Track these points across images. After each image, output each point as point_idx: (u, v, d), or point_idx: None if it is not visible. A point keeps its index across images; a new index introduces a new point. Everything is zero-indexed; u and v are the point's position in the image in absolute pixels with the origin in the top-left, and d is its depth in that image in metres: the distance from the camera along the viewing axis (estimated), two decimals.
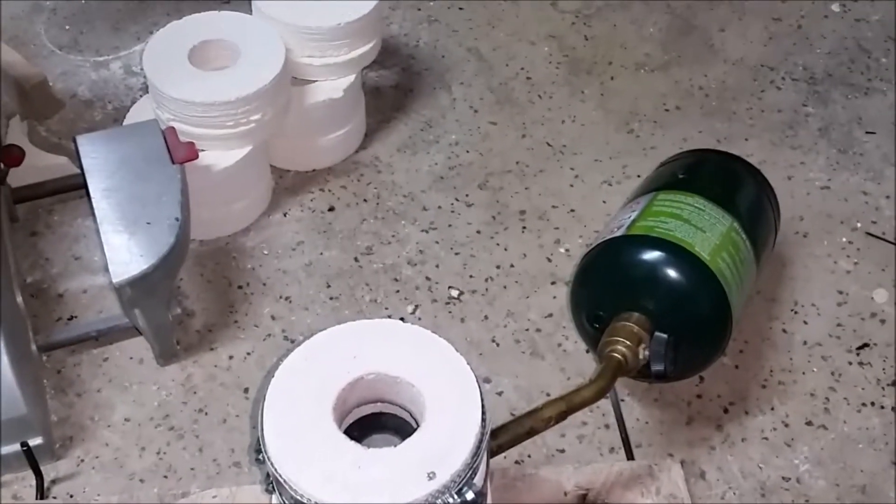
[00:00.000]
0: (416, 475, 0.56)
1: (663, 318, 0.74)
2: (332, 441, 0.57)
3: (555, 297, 0.94)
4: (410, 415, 0.62)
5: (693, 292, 0.75)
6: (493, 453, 0.64)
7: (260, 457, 0.59)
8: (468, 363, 0.61)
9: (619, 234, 0.79)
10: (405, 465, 0.56)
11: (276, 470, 0.56)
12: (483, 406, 0.58)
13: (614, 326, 0.73)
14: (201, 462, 0.82)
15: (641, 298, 0.75)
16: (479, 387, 0.59)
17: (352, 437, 0.59)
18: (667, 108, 1.14)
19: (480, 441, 0.57)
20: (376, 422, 0.63)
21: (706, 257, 0.76)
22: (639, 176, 1.01)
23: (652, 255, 0.76)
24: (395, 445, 0.59)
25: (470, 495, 0.56)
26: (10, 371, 0.74)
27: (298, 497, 0.56)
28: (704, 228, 0.79)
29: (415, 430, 0.59)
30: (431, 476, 0.55)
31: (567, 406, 0.66)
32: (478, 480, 0.58)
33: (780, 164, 1.07)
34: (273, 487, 0.59)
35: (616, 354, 0.72)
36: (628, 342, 0.72)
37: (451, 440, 0.57)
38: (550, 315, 0.93)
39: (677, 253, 0.76)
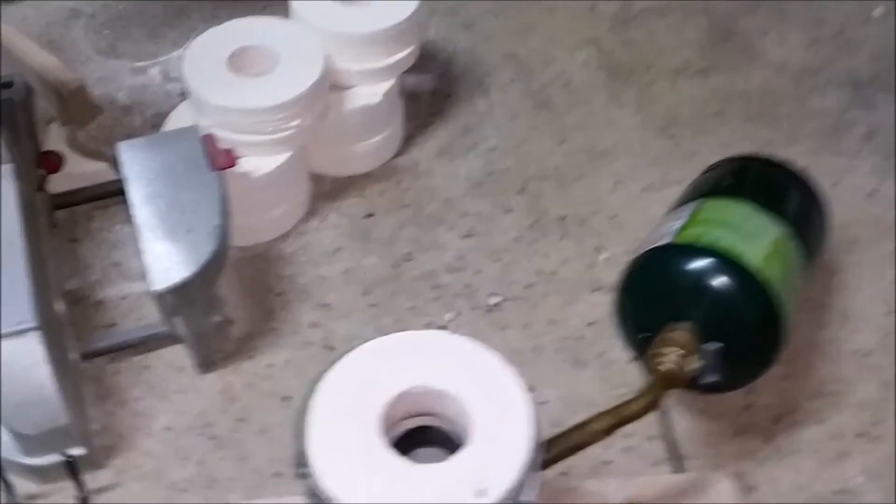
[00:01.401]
0: (466, 492, 0.55)
1: (713, 329, 0.72)
2: (378, 457, 0.56)
3: (597, 305, 0.92)
4: (458, 429, 0.61)
5: (743, 302, 0.74)
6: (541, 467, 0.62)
7: (303, 471, 0.58)
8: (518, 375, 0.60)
9: (665, 242, 0.77)
10: (454, 481, 0.55)
11: (321, 486, 0.55)
12: (535, 420, 0.57)
13: (663, 338, 0.72)
14: (242, 472, 0.81)
15: (690, 309, 0.73)
16: (531, 400, 0.58)
17: (398, 452, 0.58)
18: (707, 113, 1.12)
19: (532, 456, 0.56)
20: (422, 435, 0.61)
21: (756, 266, 0.74)
22: (680, 182, 0.99)
23: (700, 265, 0.74)
24: (443, 460, 0.58)
25: None
26: (51, 381, 0.73)
27: None
28: (754, 236, 0.77)
29: (463, 444, 0.58)
30: (481, 493, 0.54)
31: (616, 420, 0.65)
32: (528, 497, 0.57)
33: (825, 171, 1.04)
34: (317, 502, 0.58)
35: (665, 366, 0.70)
36: (678, 354, 0.71)
37: (501, 456, 0.56)
38: (593, 323, 0.91)
39: (726, 262, 0.74)
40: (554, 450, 0.62)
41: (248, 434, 0.83)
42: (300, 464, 0.58)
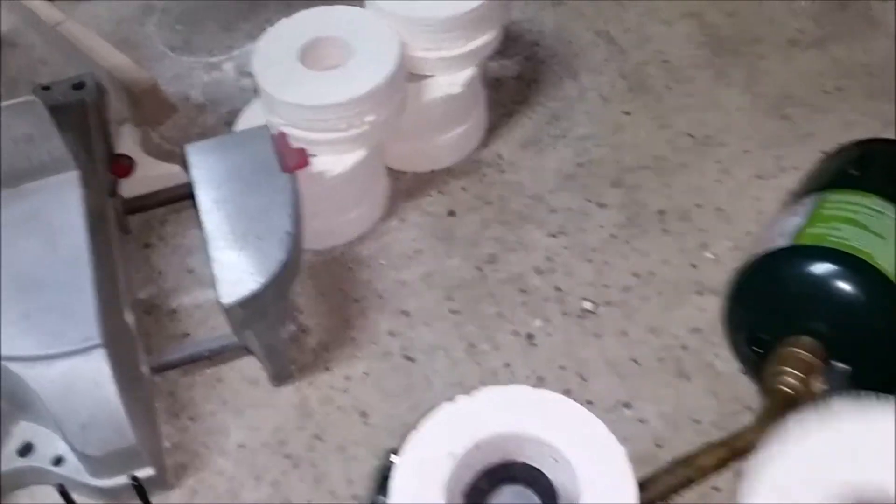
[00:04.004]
0: None
1: (840, 343, 0.63)
2: None
3: (702, 310, 0.84)
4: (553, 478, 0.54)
5: (875, 312, 0.64)
6: None
7: None
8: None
9: (783, 243, 0.68)
10: None
11: None
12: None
13: (782, 354, 0.63)
14: (318, 493, 0.76)
15: (813, 320, 0.64)
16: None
17: (481, 488, 0.52)
18: (825, 89, 1.02)
19: None
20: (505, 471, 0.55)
21: (889, 270, 0.65)
22: (795, 168, 0.90)
23: (825, 269, 0.65)
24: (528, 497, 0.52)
25: None
26: (117, 399, 0.70)
27: None
28: (884, 235, 0.67)
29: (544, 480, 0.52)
30: None
31: (729, 453, 0.57)
32: None
33: None
34: None
35: (785, 388, 0.62)
36: (799, 373, 0.62)
37: None
38: (698, 330, 0.83)
39: (855, 266, 0.65)
40: (658, 488, 0.55)
41: (324, 452, 0.78)
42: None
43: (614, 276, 0.88)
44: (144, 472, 0.73)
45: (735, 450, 0.58)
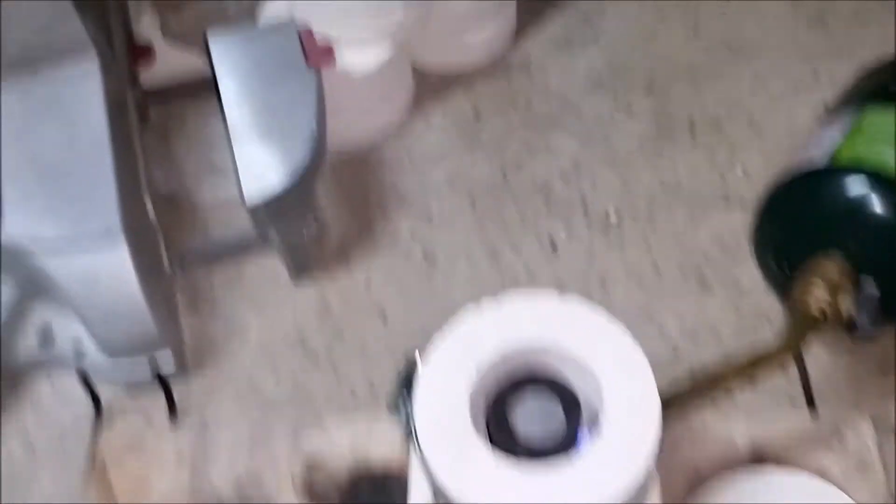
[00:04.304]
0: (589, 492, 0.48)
1: (872, 265, 0.62)
2: (484, 454, 0.50)
3: (729, 224, 0.83)
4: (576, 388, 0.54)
5: None
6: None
7: (398, 410, 0.53)
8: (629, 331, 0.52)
9: (819, 160, 0.67)
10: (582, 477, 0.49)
11: (425, 458, 0.50)
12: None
13: (811, 270, 0.62)
14: (337, 391, 0.77)
15: (846, 241, 0.63)
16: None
17: (504, 395, 0.52)
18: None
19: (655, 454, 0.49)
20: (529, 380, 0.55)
21: None
22: (834, 83, 0.87)
23: (862, 191, 0.64)
24: (551, 401, 0.52)
25: None
26: (138, 287, 0.70)
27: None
28: None
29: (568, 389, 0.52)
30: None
31: (750, 373, 0.57)
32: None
33: None
34: (414, 445, 0.53)
35: (811, 306, 0.61)
36: (828, 291, 0.61)
37: (627, 451, 0.49)
38: (723, 244, 0.82)
39: (892, 188, 0.63)
40: (677, 406, 0.55)
41: (344, 351, 0.79)
42: (396, 406, 0.53)
43: (640, 186, 0.87)
44: (165, 364, 0.74)
45: (756, 370, 0.57)
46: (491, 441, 0.50)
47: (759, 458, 0.69)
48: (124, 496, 0.70)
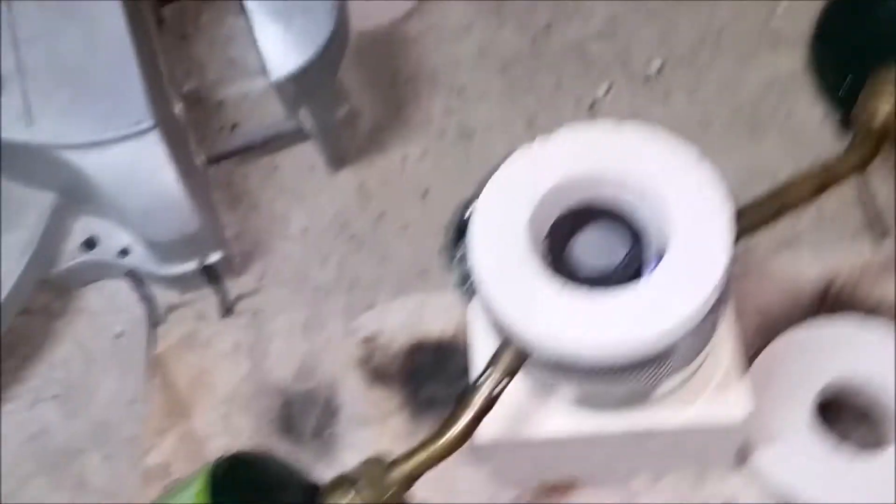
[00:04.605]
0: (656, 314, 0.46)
1: None
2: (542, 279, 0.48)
3: (777, 64, 0.79)
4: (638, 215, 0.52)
5: None
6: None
7: (456, 259, 0.51)
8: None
9: None
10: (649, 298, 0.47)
11: (485, 293, 0.48)
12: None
13: (876, 82, 0.58)
14: (386, 272, 0.75)
15: None
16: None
17: (565, 228, 0.50)
18: None
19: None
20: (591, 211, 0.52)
21: None
22: None
23: None
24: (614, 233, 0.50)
25: None
26: (177, 182, 0.68)
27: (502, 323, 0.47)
28: None
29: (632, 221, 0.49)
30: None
31: (824, 179, 0.54)
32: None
33: None
34: (471, 289, 0.51)
35: (880, 115, 0.57)
36: (894, 104, 0.58)
37: (697, 269, 0.47)
38: (773, 84, 0.78)
39: None
40: (750, 218, 0.52)
41: (388, 232, 0.77)
42: (453, 255, 0.51)
43: (682, 35, 0.82)
44: (213, 256, 0.72)
45: (830, 176, 0.54)
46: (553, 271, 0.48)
47: (826, 292, 0.67)
48: (187, 390, 0.69)
